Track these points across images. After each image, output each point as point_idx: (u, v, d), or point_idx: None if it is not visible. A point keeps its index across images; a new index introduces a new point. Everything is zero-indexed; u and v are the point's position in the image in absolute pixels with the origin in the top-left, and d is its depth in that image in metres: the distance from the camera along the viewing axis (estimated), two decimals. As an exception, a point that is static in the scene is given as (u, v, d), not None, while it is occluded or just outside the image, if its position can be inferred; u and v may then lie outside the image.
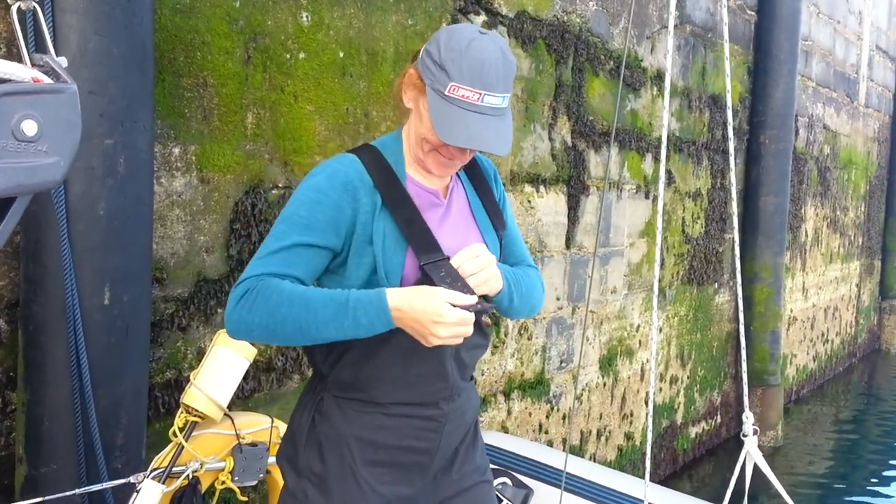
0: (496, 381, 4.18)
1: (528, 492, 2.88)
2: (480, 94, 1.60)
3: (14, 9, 1.19)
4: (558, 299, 4.62)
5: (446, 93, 1.61)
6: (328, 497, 1.71)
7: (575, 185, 4.61)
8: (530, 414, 4.46)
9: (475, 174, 1.88)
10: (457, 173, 1.85)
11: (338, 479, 1.71)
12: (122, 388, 2.20)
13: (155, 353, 2.59)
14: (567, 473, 2.67)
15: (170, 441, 2.21)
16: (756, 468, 2.31)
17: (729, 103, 2.14)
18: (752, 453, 2.29)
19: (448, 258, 1.68)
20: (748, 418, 2.30)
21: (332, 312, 1.57)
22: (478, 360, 1.87)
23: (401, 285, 1.65)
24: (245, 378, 2.89)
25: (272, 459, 2.30)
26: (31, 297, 2.14)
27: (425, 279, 1.64)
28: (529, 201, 4.27)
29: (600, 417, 5.14)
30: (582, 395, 4.93)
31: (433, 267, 1.65)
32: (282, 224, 1.66)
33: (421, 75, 1.67)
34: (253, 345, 2.23)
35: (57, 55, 1.17)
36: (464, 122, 1.61)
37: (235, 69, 2.76)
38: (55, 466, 2.15)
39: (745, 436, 2.29)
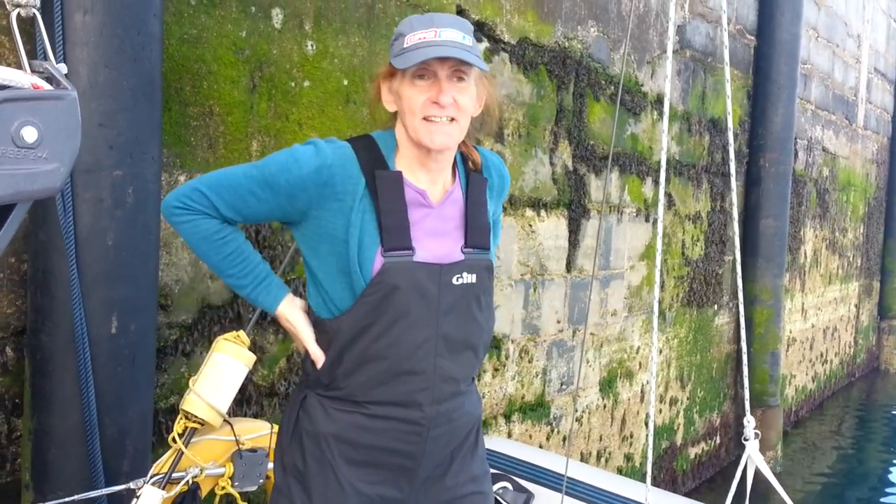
0: (497, 404, 4.19)
1: (529, 496, 2.84)
2: (436, 31, 1.68)
3: (13, 16, 1.19)
4: (559, 322, 4.63)
5: (405, 46, 1.69)
6: (309, 494, 1.74)
7: (576, 209, 4.64)
8: (531, 436, 4.47)
9: (479, 187, 1.85)
10: (460, 183, 1.82)
11: (318, 476, 1.74)
12: (128, 417, 2.21)
13: (159, 379, 2.61)
14: (568, 477, 2.67)
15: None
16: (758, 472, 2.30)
17: (730, 125, 2.16)
18: (753, 457, 2.28)
19: (412, 250, 1.70)
20: (749, 422, 2.29)
21: (239, 272, 1.80)
22: (469, 367, 1.83)
23: (372, 276, 1.68)
24: (248, 403, 2.91)
25: (272, 465, 2.31)
26: (39, 326, 2.15)
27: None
28: (530, 225, 4.30)
29: (600, 439, 5.15)
30: (582, 416, 4.94)
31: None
32: (252, 168, 1.76)
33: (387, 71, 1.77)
34: (256, 364, 2.22)
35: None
36: (423, 50, 1.67)
37: (241, 98, 2.79)
38: (61, 494, 2.16)
39: (746, 439, 2.28)
